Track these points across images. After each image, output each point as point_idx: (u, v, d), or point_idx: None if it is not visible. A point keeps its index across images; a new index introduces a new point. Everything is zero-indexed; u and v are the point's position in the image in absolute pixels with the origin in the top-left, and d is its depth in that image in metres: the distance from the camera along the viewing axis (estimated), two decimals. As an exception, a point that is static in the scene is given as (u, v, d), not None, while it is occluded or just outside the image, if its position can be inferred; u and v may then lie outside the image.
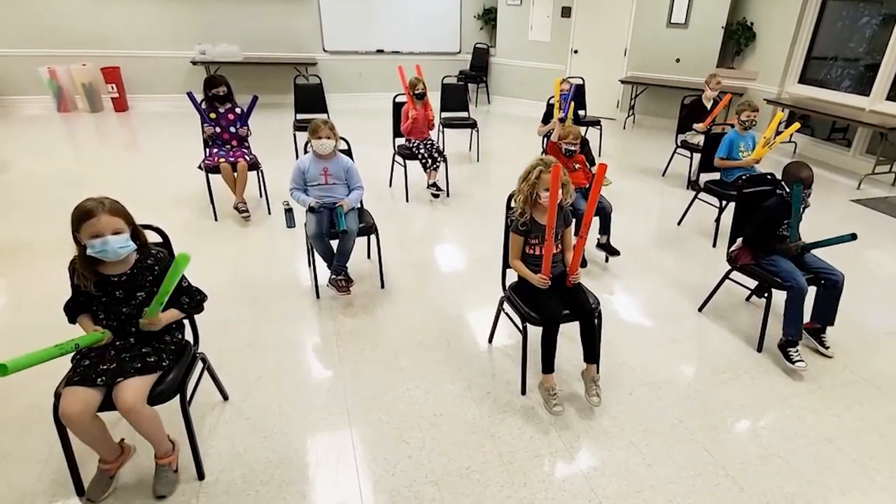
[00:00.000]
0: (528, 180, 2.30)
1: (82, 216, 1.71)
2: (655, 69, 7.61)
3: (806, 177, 2.65)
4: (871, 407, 2.45)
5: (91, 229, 1.71)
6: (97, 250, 1.72)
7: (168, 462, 1.91)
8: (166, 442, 1.90)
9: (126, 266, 1.84)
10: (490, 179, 5.59)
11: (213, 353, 2.33)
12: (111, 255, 1.75)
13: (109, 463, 1.88)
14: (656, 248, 4.01)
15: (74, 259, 1.81)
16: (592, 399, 2.33)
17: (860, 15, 6.01)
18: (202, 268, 3.38)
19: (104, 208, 1.73)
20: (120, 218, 1.76)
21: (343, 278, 3.08)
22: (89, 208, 1.71)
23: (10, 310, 3.00)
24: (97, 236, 1.71)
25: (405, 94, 4.71)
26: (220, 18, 7.67)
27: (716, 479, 2.03)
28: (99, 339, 1.77)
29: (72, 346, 1.67)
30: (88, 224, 1.71)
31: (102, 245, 1.72)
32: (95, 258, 1.75)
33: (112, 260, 1.78)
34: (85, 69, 7.17)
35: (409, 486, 1.96)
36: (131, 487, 1.93)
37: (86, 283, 1.79)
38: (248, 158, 4.19)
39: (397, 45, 8.65)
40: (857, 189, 5.46)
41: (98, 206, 1.72)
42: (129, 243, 1.79)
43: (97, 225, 1.71)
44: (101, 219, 1.71)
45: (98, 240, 1.71)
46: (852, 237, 2.49)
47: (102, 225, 1.71)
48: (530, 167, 2.31)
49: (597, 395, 2.33)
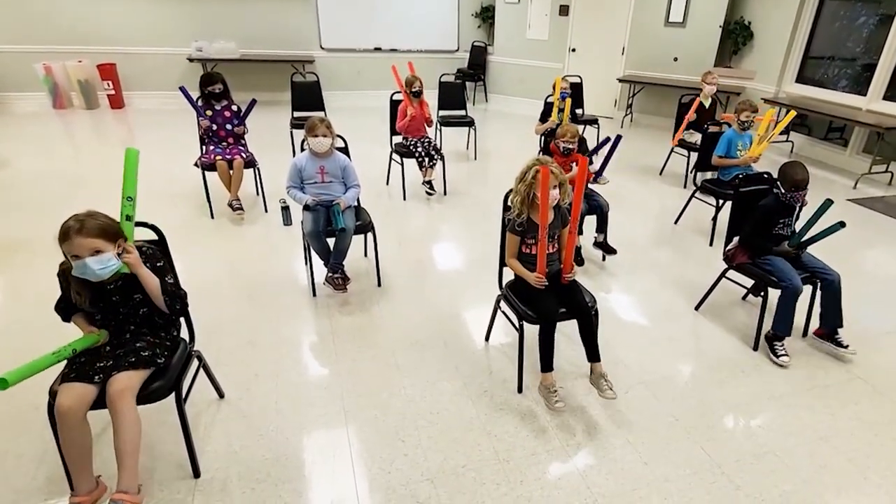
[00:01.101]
0: (524, 181, 2.29)
1: (61, 236, 1.66)
2: (653, 68, 7.62)
3: (801, 179, 2.65)
4: (867, 406, 2.46)
5: (69, 250, 1.67)
6: (79, 272, 1.69)
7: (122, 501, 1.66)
8: (135, 471, 1.71)
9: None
10: (487, 178, 5.58)
11: (209, 350, 2.32)
12: (90, 276, 1.70)
13: (81, 496, 1.75)
14: (653, 247, 4.01)
15: (63, 264, 1.78)
16: (607, 394, 2.28)
17: (857, 15, 6.02)
18: (198, 265, 3.39)
19: (80, 230, 1.65)
20: (99, 238, 1.69)
21: (340, 276, 3.08)
22: (66, 228, 1.66)
23: (8, 308, 2.99)
24: (76, 257, 1.67)
25: (401, 92, 4.70)
26: (216, 15, 7.64)
27: (712, 478, 2.04)
28: (96, 341, 1.77)
29: (69, 351, 1.67)
30: (66, 245, 1.67)
31: (82, 267, 1.67)
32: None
33: (95, 280, 1.73)
34: (81, 66, 7.14)
35: (406, 485, 1.96)
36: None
37: (80, 300, 1.76)
38: (244, 156, 4.18)
39: (395, 43, 8.64)
40: (854, 188, 5.48)
41: (74, 226, 1.66)
42: (112, 262, 1.71)
43: (72, 247, 1.66)
44: (74, 241, 1.65)
45: (78, 261, 1.67)
46: (841, 225, 2.51)
47: (77, 247, 1.65)
48: (527, 167, 2.31)
49: (610, 389, 2.28)
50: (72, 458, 1.72)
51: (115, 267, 1.73)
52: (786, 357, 2.68)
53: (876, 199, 5.21)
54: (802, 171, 2.67)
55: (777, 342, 2.73)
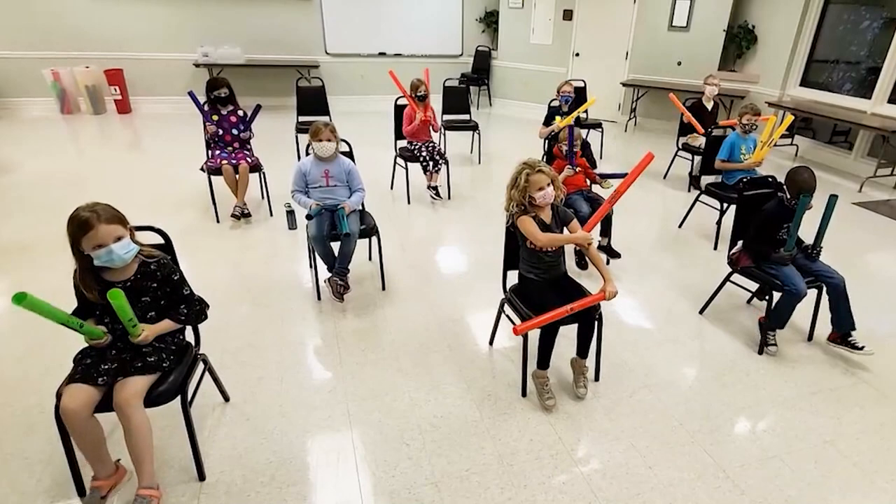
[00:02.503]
0: (517, 187, 2.30)
1: (80, 229, 1.68)
2: (657, 72, 7.62)
3: (810, 188, 2.63)
4: (872, 409, 2.45)
5: (93, 241, 1.69)
6: (104, 260, 1.72)
7: (149, 496, 1.77)
8: (152, 469, 1.79)
9: (129, 273, 1.84)
10: (491, 182, 5.59)
11: (214, 354, 2.33)
12: (118, 262, 1.75)
13: (101, 480, 1.82)
14: (657, 251, 4.01)
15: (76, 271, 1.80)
16: (580, 390, 2.41)
17: (862, 18, 6.02)
18: (204, 269, 3.41)
19: (100, 218, 1.69)
20: (117, 224, 1.74)
21: (343, 284, 3.08)
22: (85, 219, 1.67)
23: (9, 310, 3.00)
24: (100, 247, 1.70)
25: (406, 97, 4.72)
26: (222, 21, 7.70)
27: (716, 482, 2.03)
28: (99, 336, 1.77)
29: (77, 324, 1.67)
30: (88, 237, 1.68)
31: (108, 255, 1.71)
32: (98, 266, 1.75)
33: (120, 266, 1.78)
34: (88, 71, 7.21)
35: (410, 488, 1.96)
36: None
37: (92, 295, 1.78)
38: (249, 160, 4.20)
39: (399, 48, 8.68)
40: (859, 192, 5.46)
41: (93, 216, 1.68)
42: (132, 246, 1.79)
43: (97, 237, 1.68)
44: (99, 230, 1.68)
45: (102, 250, 1.70)
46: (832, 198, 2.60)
47: (102, 236, 1.69)
48: (515, 173, 2.32)
49: (584, 387, 2.41)
50: (86, 451, 1.78)
51: (135, 250, 1.81)
52: (774, 347, 2.80)
53: (881, 202, 5.19)
54: (811, 179, 2.64)
55: (770, 332, 2.81)
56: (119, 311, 1.70)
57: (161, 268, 1.90)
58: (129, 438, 1.75)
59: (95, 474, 1.83)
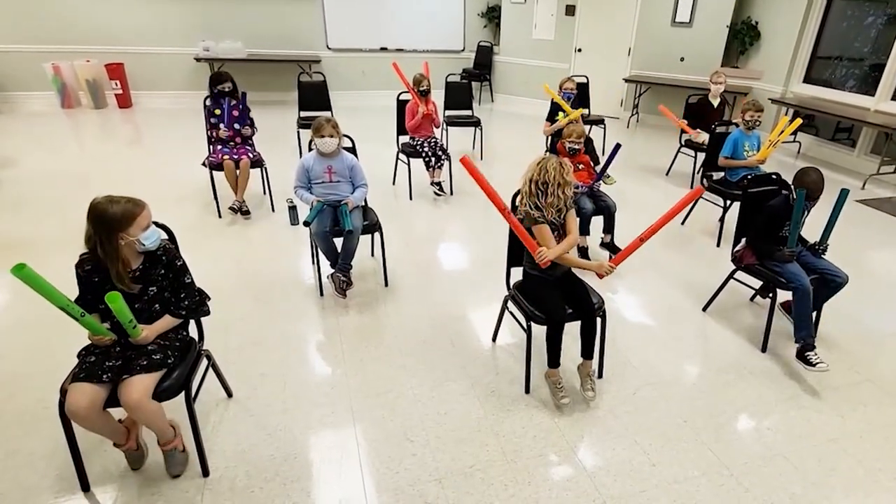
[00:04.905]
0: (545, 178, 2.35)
1: (129, 215, 1.76)
2: (659, 68, 7.59)
3: (818, 189, 2.62)
4: (876, 408, 2.44)
5: (145, 220, 1.81)
6: (151, 240, 1.82)
7: (174, 445, 1.95)
8: (168, 429, 1.93)
9: (139, 260, 1.87)
10: (494, 177, 5.47)
11: (217, 350, 2.33)
12: (157, 242, 1.87)
13: (125, 444, 1.91)
14: (660, 248, 3.99)
15: (82, 259, 1.81)
16: (588, 393, 2.37)
17: (865, 15, 5.99)
18: (206, 265, 3.40)
19: (139, 204, 1.81)
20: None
21: (346, 280, 3.07)
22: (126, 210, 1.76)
23: (14, 305, 3.01)
24: (148, 227, 1.82)
25: (409, 91, 4.70)
26: (224, 15, 7.66)
27: (720, 480, 2.03)
28: (103, 334, 1.76)
29: (78, 312, 1.65)
30: (140, 220, 1.79)
31: (154, 233, 1.84)
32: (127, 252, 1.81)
33: (153, 249, 1.86)
34: (89, 65, 7.18)
35: (413, 485, 1.96)
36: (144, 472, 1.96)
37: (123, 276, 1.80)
38: (251, 156, 4.19)
39: (401, 43, 8.64)
40: (862, 189, 5.44)
41: (131, 203, 1.79)
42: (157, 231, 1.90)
43: (142, 221, 1.80)
44: (143, 215, 1.81)
45: (150, 230, 1.83)
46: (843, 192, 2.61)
47: (146, 218, 1.82)
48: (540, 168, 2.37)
49: (591, 390, 2.37)
50: (99, 433, 1.84)
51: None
52: (823, 364, 2.52)
53: (884, 199, 5.18)
54: (819, 181, 2.63)
55: (809, 352, 2.57)
56: (118, 313, 1.71)
57: (166, 252, 1.92)
58: (146, 424, 1.88)
59: (115, 442, 1.91)
